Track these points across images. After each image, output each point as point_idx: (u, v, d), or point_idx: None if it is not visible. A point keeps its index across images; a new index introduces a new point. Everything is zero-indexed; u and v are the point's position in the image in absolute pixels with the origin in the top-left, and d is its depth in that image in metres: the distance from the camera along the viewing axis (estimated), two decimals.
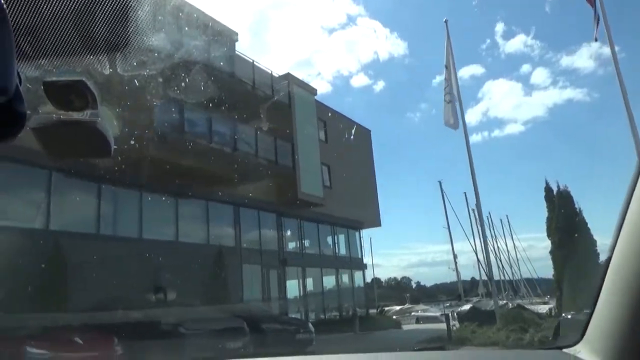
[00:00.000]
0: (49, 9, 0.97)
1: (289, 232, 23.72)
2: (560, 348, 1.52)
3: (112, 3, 1.06)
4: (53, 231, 13.94)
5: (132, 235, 16.41)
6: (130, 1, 1.14)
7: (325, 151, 24.74)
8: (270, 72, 21.60)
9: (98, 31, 1.09)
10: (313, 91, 25.16)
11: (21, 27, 0.94)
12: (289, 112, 21.93)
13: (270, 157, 19.82)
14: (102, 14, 1.07)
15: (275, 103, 20.64)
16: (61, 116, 1.03)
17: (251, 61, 20.26)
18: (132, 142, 15.94)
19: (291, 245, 24.16)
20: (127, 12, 1.13)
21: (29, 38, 0.98)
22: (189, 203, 18.88)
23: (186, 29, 15.68)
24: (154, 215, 17.41)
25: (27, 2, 0.92)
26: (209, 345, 9.55)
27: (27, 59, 1.00)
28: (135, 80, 14.29)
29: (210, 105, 16.25)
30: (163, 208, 17.96)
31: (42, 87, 1.01)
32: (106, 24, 1.09)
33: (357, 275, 28.87)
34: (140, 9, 1.21)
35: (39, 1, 0.95)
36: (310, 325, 13.29)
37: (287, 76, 22.61)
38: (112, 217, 16.25)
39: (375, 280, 49.72)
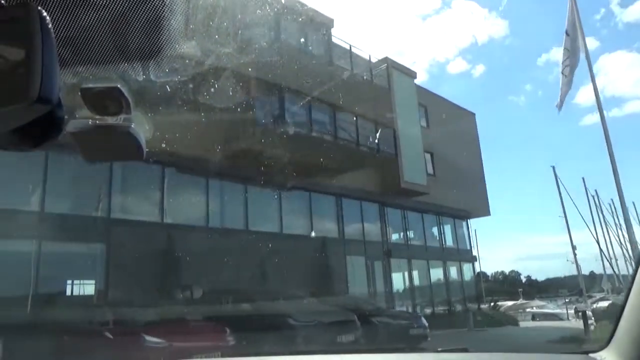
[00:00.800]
0: (87, 19, 1.00)
1: (392, 223, 22.83)
2: (587, 353, 1.48)
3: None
4: (167, 224, 14.50)
5: (238, 227, 16.64)
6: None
7: (428, 137, 23.46)
8: (368, 56, 20.87)
9: (159, 36, 1.11)
10: (413, 74, 23.94)
11: (61, 36, 0.97)
12: (389, 97, 21.00)
13: (372, 144, 19.07)
14: (170, 15, 1.10)
15: (374, 88, 19.85)
16: (97, 121, 1.09)
17: (348, 47, 19.67)
18: (235, 137, 16.17)
19: (395, 237, 23.26)
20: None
21: (68, 47, 1.02)
22: (292, 194, 18.80)
23: (283, 17, 15.47)
24: (259, 207, 17.55)
25: (66, 12, 0.96)
26: (320, 337, 9.13)
27: (65, 67, 1.02)
28: (233, 73, 14.38)
29: (309, 93, 15.92)
30: (267, 200, 18.05)
31: (79, 93, 1.07)
32: (170, 27, 1.11)
33: (466, 267, 27.18)
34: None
35: (77, 12, 0.98)
36: (423, 319, 12.40)
37: (386, 60, 21.68)
38: (220, 211, 16.61)
39: (482, 274, 46.94)
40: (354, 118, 18.57)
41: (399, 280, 22.61)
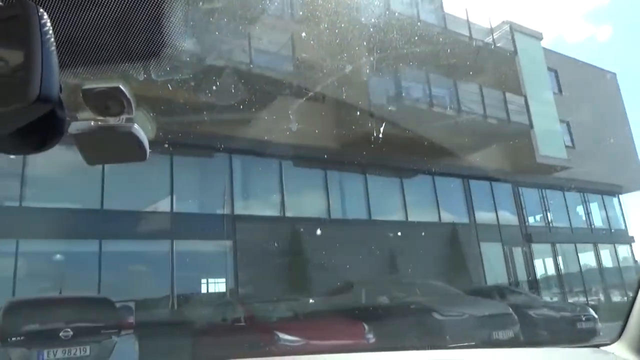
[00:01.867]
0: (87, 19, 0.98)
1: (530, 204, 20.35)
2: (598, 346, 1.47)
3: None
4: (290, 218, 14.11)
5: (361, 217, 15.78)
6: None
7: (562, 104, 20.57)
8: (488, 19, 18.77)
9: (164, 33, 1.08)
10: (538, 36, 21.16)
11: (61, 35, 0.95)
12: (514, 62, 18.70)
13: (500, 114, 16.98)
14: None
15: (497, 53, 17.76)
16: (99, 122, 1.07)
17: (465, 11, 17.79)
18: (350, 123, 15.32)
19: (534, 219, 20.73)
20: None
21: (67, 47, 0.99)
22: (414, 179, 17.51)
23: None
24: (380, 195, 16.53)
25: (65, 11, 0.93)
26: (473, 334, 7.83)
27: (65, 68, 0.98)
28: (343, 52, 13.52)
29: (426, 65, 14.52)
30: (388, 187, 16.98)
31: (80, 94, 1.05)
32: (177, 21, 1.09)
33: (621, 250, 23.48)
34: None
35: (76, 10, 0.96)
36: (591, 311, 10.39)
37: (507, 22, 19.35)
38: (341, 201, 15.89)
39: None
40: (478, 89, 16.67)
41: (543, 268, 20.12)
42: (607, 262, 22.60)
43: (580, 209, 22.59)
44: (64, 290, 8.37)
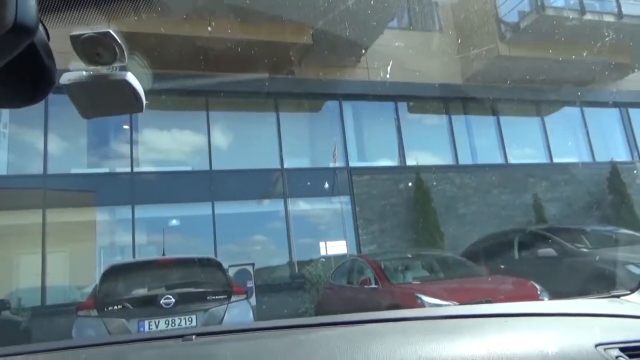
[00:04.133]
0: None
1: None
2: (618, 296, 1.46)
3: None
4: (411, 167, 12.34)
5: (495, 161, 13.47)
6: None
7: None
8: None
9: None
10: None
11: None
12: None
13: None
14: None
15: None
16: (90, 72, 1.03)
17: None
18: (474, 51, 12.96)
19: None
20: None
21: None
22: (557, 113, 14.63)
23: None
24: (518, 135, 14.01)
25: None
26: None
27: (50, 13, 0.87)
28: None
29: None
30: (525, 125, 14.39)
31: (70, 42, 1.02)
32: None
33: None
34: None
35: None
36: None
37: None
38: (469, 145, 13.69)
39: None
40: None
41: None
42: None
43: None
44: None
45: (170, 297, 4.95)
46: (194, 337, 1.28)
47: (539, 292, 5.51)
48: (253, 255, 11.00)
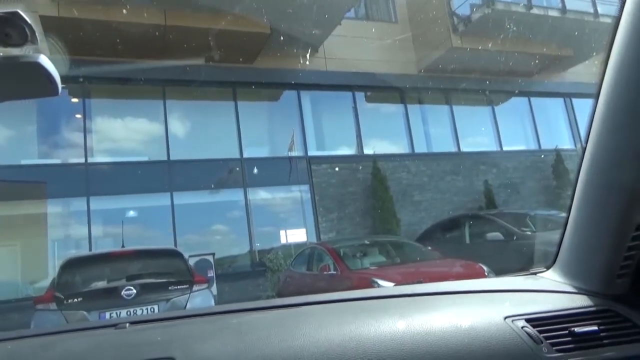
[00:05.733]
0: None
1: None
2: (535, 274, 1.52)
3: None
4: (368, 156, 12.65)
5: (449, 149, 13.98)
6: None
7: None
8: None
9: None
10: None
11: None
12: None
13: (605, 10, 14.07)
14: None
15: None
16: (0, 53, 0.99)
17: None
18: (428, 43, 13.33)
19: None
20: None
21: None
22: (507, 103, 15.30)
23: None
24: (469, 124, 14.57)
25: None
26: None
27: None
28: None
29: None
30: (476, 115, 14.96)
31: None
32: None
33: None
34: None
35: None
36: None
37: None
38: (424, 134, 14.13)
39: None
40: None
41: None
42: None
43: None
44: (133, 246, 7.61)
45: (132, 288, 4.98)
46: (127, 325, 1.27)
47: (486, 273, 5.89)
48: (213, 245, 11.01)
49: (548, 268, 1.47)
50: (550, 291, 1.35)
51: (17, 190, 10.12)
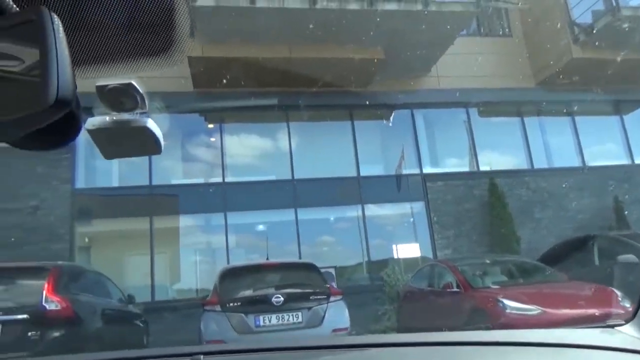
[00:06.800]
0: (97, 20, 0.99)
1: None
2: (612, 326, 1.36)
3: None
4: (485, 172, 12.60)
5: (573, 164, 13.38)
6: None
7: None
8: None
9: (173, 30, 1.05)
10: None
11: (73, 38, 0.95)
12: None
13: None
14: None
15: None
16: (114, 117, 1.11)
17: None
18: (547, 51, 12.97)
19: None
20: None
21: (80, 47, 0.99)
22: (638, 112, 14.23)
23: None
24: (594, 135, 13.81)
25: (76, 14, 0.95)
26: None
27: (79, 66, 0.98)
28: None
29: None
30: (604, 126, 14.13)
31: (95, 91, 1.09)
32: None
33: None
34: None
35: (87, 13, 0.97)
36: None
37: None
38: (544, 148, 13.67)
39: None
40: None
41: None
42: None
43: None
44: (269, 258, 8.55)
45: (280, 296, 5.76)
46: (202, 357, 1.24)
47: (620, 299, 5.77)
48: (332, 258, 11.76)
49: (627, 321, 1.32)
50: (625, 350, 1.20)
51: (168, 206, 11.76)
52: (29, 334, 5.07)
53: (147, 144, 1.18)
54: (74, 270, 6.47)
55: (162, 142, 1.16)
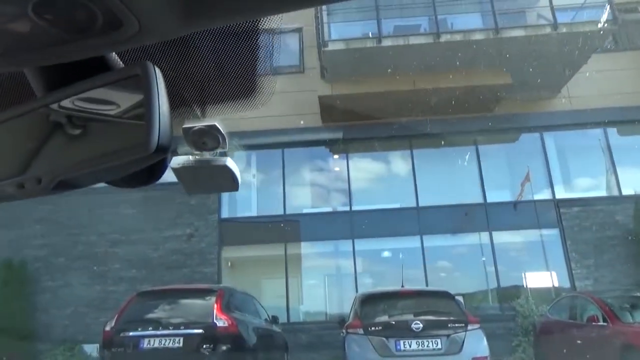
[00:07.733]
0: (191, 70, 1.07)
1: None
2: None
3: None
4: (630, 196, 11.65)
5: None
6: None
7: None
8: None
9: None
10: None
11: (171, 89, 0.92)
12: None
13: None
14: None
15: None
16: (196, 156, 1.24)
17: None
18: None
19: None
20: None
21: (176, 97, 1.05)
22: None
23: None
24: None
25: (174, 67, 1.00)
26: None
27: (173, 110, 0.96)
28: None
29: None
30: None
31: (181, 132, 1.17)
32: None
33: None
34: None
35: (184, 65, 1.03)
36: None
37: None
38: None
39: None
40: None
41: None
42: None
43: None
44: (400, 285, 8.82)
45: (419, 322, 6.04)
46: None
47: None
48: (459, 286, 11.62)
49: None
50: None
51: (298, 233, 12.65)
52: (204, 346, 5.96)
53: (226, 181, 1.29)
54: (232, 292, 7.35)
55: (239, 179, 1.26)
